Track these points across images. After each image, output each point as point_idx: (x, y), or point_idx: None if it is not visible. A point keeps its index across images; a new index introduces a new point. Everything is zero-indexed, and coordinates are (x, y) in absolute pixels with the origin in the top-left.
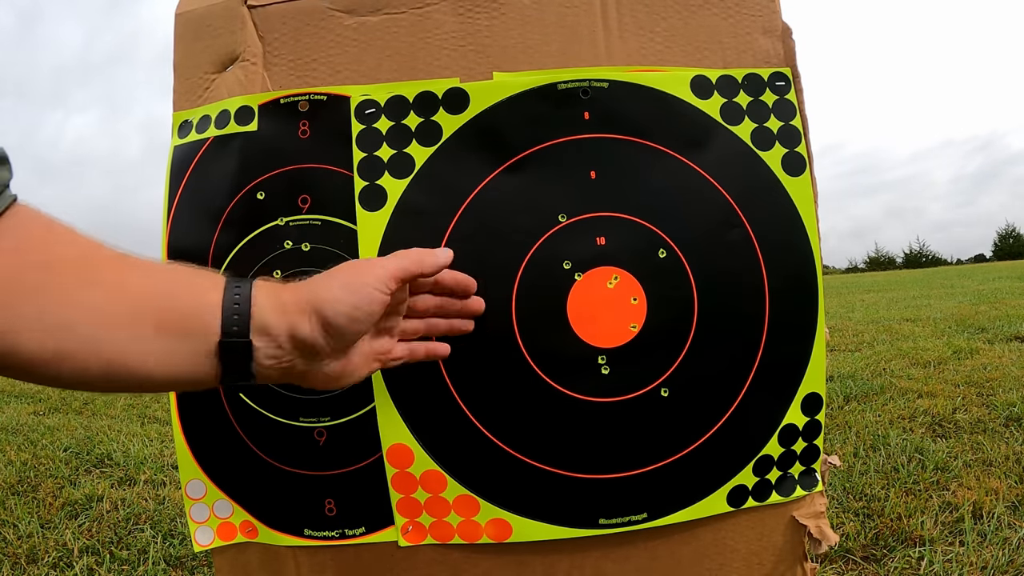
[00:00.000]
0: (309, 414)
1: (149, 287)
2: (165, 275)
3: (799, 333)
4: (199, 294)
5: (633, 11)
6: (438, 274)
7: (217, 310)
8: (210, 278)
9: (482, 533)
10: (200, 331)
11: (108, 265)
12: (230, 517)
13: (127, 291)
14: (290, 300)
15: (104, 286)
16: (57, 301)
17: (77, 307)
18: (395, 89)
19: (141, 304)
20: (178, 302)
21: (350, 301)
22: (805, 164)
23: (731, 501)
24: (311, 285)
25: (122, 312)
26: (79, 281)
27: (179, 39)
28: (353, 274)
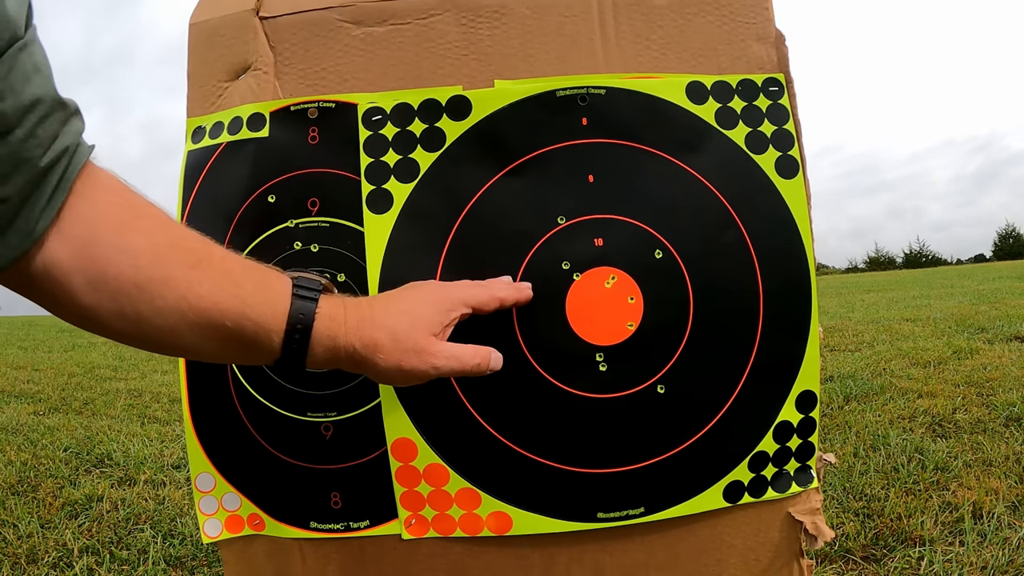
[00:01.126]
0: (316, 409)
1: (217, 303)
2: (234, 288)
3: (793, 332)
4: (265, 318)
5: (630, 19)
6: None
7: (279, 337)
8: (277, 294)
9: (483, 526)
10: (260, 351)
11: (180, 270)
12: (238, 510)
13: (195, 304)
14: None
15: (174, 293)
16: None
17: (146, 315)
18: (400, 97)
19: (206, 320)
20: (244, 327)
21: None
22: (798, 167)
23: (727, 496)
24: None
25: (188, 324)
26: (151, 281)
27: (193, 48)
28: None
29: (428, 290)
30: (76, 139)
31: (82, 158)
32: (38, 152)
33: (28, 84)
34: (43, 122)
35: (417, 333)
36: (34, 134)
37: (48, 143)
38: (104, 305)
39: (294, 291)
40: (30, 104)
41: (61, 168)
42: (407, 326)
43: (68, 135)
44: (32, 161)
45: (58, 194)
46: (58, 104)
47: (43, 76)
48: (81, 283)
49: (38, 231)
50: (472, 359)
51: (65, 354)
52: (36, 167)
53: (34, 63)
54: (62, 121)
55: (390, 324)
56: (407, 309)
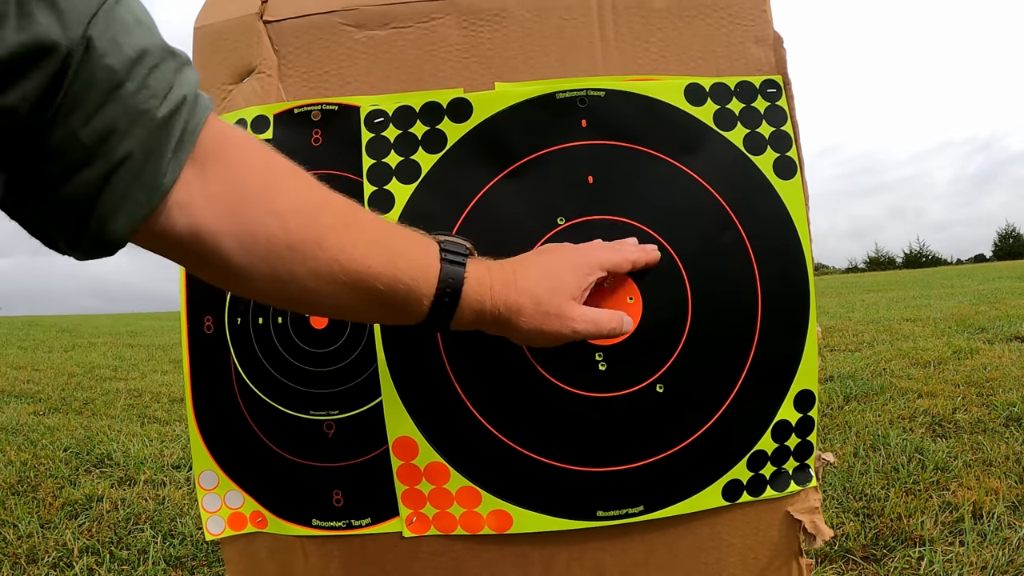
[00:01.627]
0: (319, 407)
1: (370, 266)
2: (386, 251)
3: (791, 331)
4: (416, 281)
5: (629, 22)
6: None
7: (428, 300)
8: (427, 257)
9: (483, 524)
10: (409, 313)
11: (331, 231)
12: (241, 507)
13: (347, 267)
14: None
15: (327, 255)
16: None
17: (299, 276)
18: (402, 99)
19: (359, 281)
20: (396, 289)
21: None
22: (796, 168)
23: (726, 495)
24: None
25: (340, 284)
26: (303, 242)
27: (198, 52)
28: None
29: (565, 253)
30: (193, 89)
31: (204, 110)
32: (154, 103)
33: (131, 36)
34: (154, 72)
35: (558, 297)
36: (146, 85)
37: (163, 93)
38: (256, 266)
39: (442, 255)
40: (137, 56)
41: (182, 119)
42: (547, 290)
43: (183, 85)
44: (149, 113)
45: (184, 145)
46: (168, 53)
47: (145, 27)
48: (232, 245)
49: (166, 185)
50: (609, 323)
51: (65, 354)
52: (155, 119)
53: (134, 15)
54: (175, 70)
55: (531, 288)
56: (547, 272)
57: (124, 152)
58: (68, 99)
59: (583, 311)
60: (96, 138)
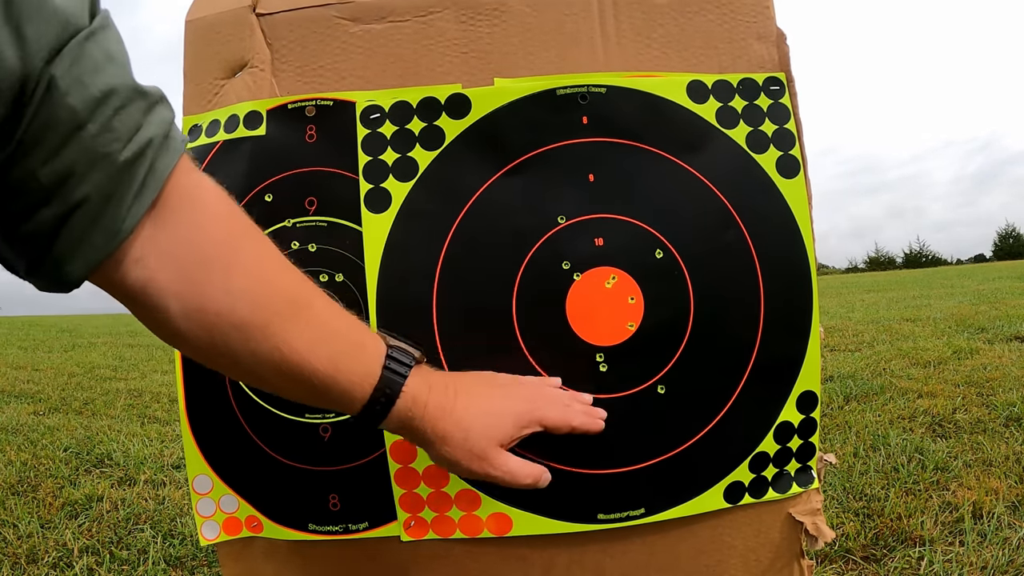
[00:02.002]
0: (314, 410)
1: (310, 361)
2: (330, 349)
3: (794, 332)
4: (352, 385)
5: (631, 18)
6: None
7: (360, 404)
8: (369, 363)
9: (483, 527)
10: (339, 408)
11: (278, 319)
12: (236, 512)
13: (287, 357)
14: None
15: (269, 343)
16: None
17: (238, 354)
18: (399, 95)
19: (296, 373)
20: (330, 388)
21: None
22: (799, 166)
23: (728, 497)
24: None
25: (278, 371)
26: (248, 325)
27: (189, 46)
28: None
29: (512, 398)
30: (163, 129)
31: (174, 153)
32: (116, 146)
33: (99, 75)
34: (119, 113)
35: (486, 440)
36: (110, 127)
37: (128, 136)
38: (196, 334)
39: (386, 362)
40: (102, 96)
41: (146, 162)
42: (480, 431)
43: (152, 126)
44: (110, 156)
45: (146, 191)
46: (137, 93)
47: (117, 65)
48: (178, 309)
49: (124, 231)
50: (525, 478)
51: (65, 354)
52: (115, 162)
53: (105, 52)
54: (143, 111)
55: (467, 423)
56: (487, 412)
57: (81, 195)
58: (28, 137)
59: (504, 461)
60: (54, 179)
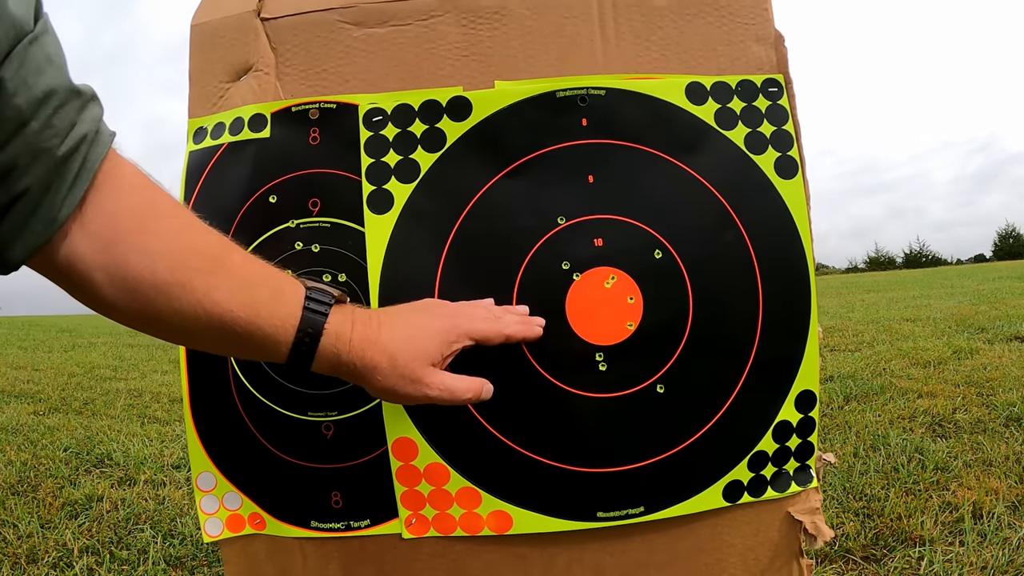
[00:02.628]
0: (317, 408)
1: (232, 310)
2: (248, 297)
3: (792, 332)
4: (275, 329)
5: (630, 20)
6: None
7: (286, 347)
8: (289, 305)
9: (483, 525)
10: (268, 355)
11: (197, 276)
12: (239, 509)
13: (209, 310)
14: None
15: (190, 298)
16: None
17: (164, 314)
18: (401, 98)
19: (220, 324)
20: (254, 335)
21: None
22: (797, 167)
23: (727, 496)
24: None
25: (203, 326)
26: (168, 284)
27: (194, 49)
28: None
29: (435, 317)
30: (94, 126)
31: (103, 147)
32: (55, 142)
33: (41, 76)
34: (58, 112)
35: (415, 362)
36: (50, 124)
37: (65, 132)
38: (124, 301)
39: (306, 303)
40: (43, 96)
41: (80, 156)
42: (407, 354)
43: (86, 122)
44: (50, 151)
45: (79, 182)
46: (73, 93)
47: (56, 67)
48: (103, 279)
49: (60, 219)
50: (465, 392)
51: (65, 354)
52: (54, 156)
53: (46, 55)
54: (78, 109)
55: (392, 349)
56: (411, 335)
57: (23, 187)
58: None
59: (439, 379)
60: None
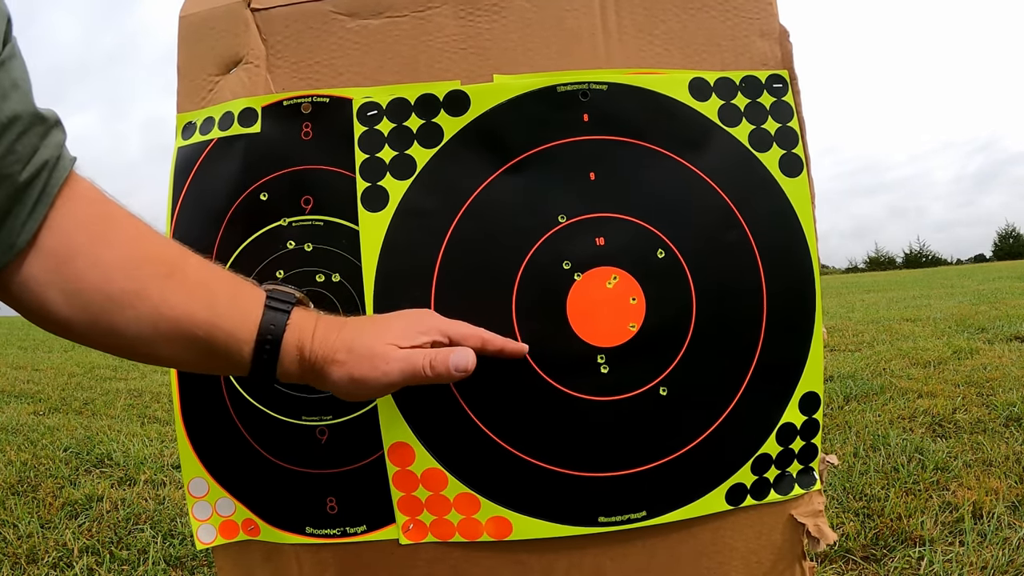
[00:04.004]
0: (311, 412)
1: (190, 314)
2: (207, 298)
3: (797, 333)
4: (236, 328)
5: (632, 14)
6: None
7: (249, 347)
8: (249, 304)
9: (482, 531)
10: (232, 361)
11: (152, 281)
12: (232, 515)
13: (166, 315)
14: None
15: (146, 304)
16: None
17: (119, 326)
18: (397, 91)
19: (178, 330)
20: (215, 336)
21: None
22: (802, 165)
23: (730, 499)
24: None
25: (161, 334)
26: (123, 292)
27: (183, 41)
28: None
29: (407, 313)
30: (56, 151)
31: (63, 171)
32: (17, 168)
33: (6, 102)
34: (21, 138)
35: (375, 342)
36: (13, 150)
37: (27, 158)
38: (78, 317)
39: (267, 303)
40: (8, 122)
41: (41, 182)
42: (367, 337)
43: (48, 148)
44: (12, 177)
45: (39, 207)
46: (37, 119)
47: (21, 92)
48: (57, 297)
49: (19, 245)
50: (423, 358)
51: (65, 354)
52: (16, 182)
53: (12, 80)
54: (41, 135)
55: (349, 339)
56: (377, 324)
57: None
58: None
59: (397, 352)
60: None
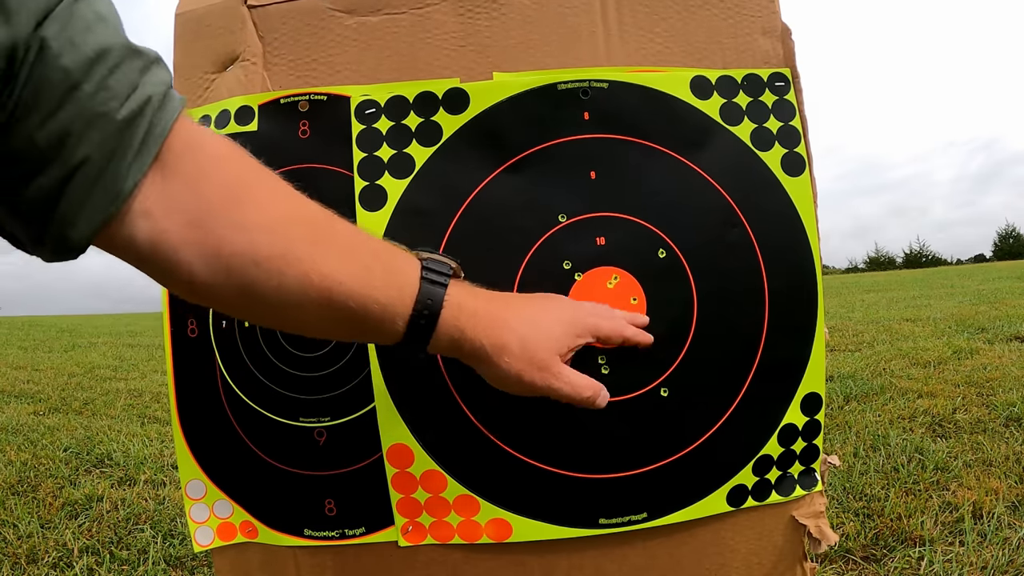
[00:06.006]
0: (309, 414)
1: (342, 282)
2: (360, 267)
3: (799, 333)
4: (391, 300)
5: (633, 11)
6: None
7: (403, 321)
8: (405, 276)
9: (482, 533)
10: (383, 333)
11: (301, 246)
12: (230, 517)
13: (318, 283)
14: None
15: (295, 270)
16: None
17: (266, 292)
18: (395, 89)
19: (330, 299)
20: (369, 308)
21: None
22: (804, 164)
23: (731, 501)
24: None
25: (311, 302)
26: (270, 258)
27: (179, 39)
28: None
29: (560, 306)
30: (161, 88)
31: (172, 112)
32: (113, 105)
33: (91, 34)
34: (114, 72)
35: (545, 349)
36: (105, 86)
37: (125, 94)
38: (220, 281)
39: (423, 274)
40: (96, 55)
41: (146, 121)
42: (537, 338)
43: (149, 85)
44: (108, 115)
45: (147, 148)
46: (131, 52)
47: (108, 25)
48: (194, 258)
49: (126, 190)
50: (587, 390)
51: (65, 354)
52: (113, 121)
53: (96, 12)
54: (139, 70)
55: (522, 331)
56: (538, 320)
57: (81, 156)
58: (23, 101)
59: (566, 371)
60: (52, 141)
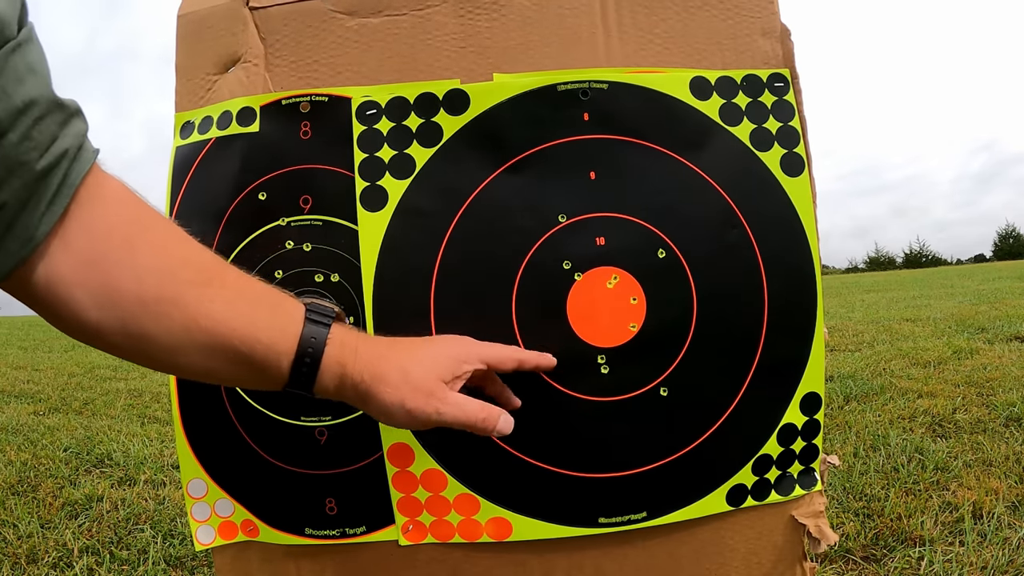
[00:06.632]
0: (310, 413)
1: (228, 322)
2: (246, 308)
3: (798, 333)
4: (275, 341)
5: (632, 13)
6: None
7: (288, 360)
8: (289, 317)
9: (482, 532)
10: (269, 375)
11: (190, 288)
12: (231, 516)
13: (204, 325)
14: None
15: (182, 313)
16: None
17: (152, 333)
18: (396, 90)
19: (215, 340)
20: (254, 348)
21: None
22: (804, 165)
23: (730, 500)
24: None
25: (196, 344)
26: (158, 299)
27: (181, 40)
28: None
29: (448, 340)
30: (77, 141)
31: (86, 163)
32: (34, 155)
33: (21, 85)
34: (38, 124)
35: (428, 376)
36: (29, 136)
37: (45, 146)
38: (108, 322)
39: (307, 315)
40: (23, 106)
41: (61, 172)
42: (418, 366)
43: (68, 137)
44: (28, 164)
45: (59, 199)
46: (55, 105)
47: (38, 77)
48: (84, 298)
49: (38, 237)
50: (478, 413)
51: (65, 354)
52: (32, 170)
53: (28, 64)
54: (60, 123)
55: (402, 362)
56: (418, 351)
57: (0, 202)
58: None
59: (456, 396)
60: None
